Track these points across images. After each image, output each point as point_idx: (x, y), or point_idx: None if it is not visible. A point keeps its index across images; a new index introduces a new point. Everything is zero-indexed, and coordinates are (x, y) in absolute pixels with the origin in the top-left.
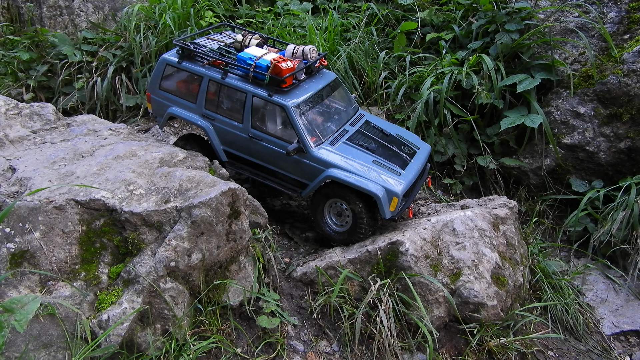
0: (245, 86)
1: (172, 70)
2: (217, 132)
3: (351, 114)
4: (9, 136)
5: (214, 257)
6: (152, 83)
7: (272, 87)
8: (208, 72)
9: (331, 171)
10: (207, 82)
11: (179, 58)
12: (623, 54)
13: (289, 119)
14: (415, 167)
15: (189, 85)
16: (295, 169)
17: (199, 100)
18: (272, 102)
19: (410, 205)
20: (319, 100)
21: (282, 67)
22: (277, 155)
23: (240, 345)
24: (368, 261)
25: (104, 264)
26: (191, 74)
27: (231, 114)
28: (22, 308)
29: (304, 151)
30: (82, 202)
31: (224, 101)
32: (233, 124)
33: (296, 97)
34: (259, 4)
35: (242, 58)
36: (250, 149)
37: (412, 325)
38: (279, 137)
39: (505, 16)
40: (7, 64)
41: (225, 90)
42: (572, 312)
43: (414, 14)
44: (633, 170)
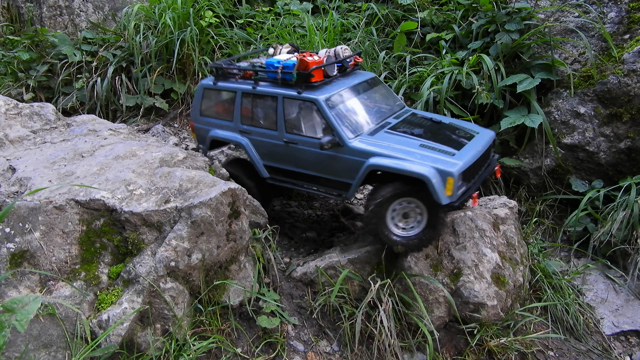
0: (275, 90)
1: (210, 95)
2: (254, 146)
3: (395, 110)
4: (9, 136)
5: (214, 257)
6: (194, 111)
7: (301, 84)
8: (240, 85)
9: (372, 160)
10: (240, 95)
11: (214, 80)
12: (623, 54)
13: (320, 113)
14: (474, 149)
15: (226, 105)
16: (335, 168)
17: (235, 116)
18: (302, 99)
19: (474, 193)
20: (353, 95)
21: (308, 60)
22: (315, 158)
23: (240, 345)
24: (368, 261)
25: (104, 264)
26: (226, 92)
27: (266, 123)
28: (22, 308)
29: (339, 144)
30: (82, 202)
31: (258, 111)
32: (268, 134)
33: (327, 91)
34: (259, 4)
35: (270, 63)
36: (288, 157)
37: (412, 325)
38: (314, 136)
39: (505, 16)
40: (7, 64)
41: (257, 100)
42: (572, 312)
43: (414, 14)
44: (633, 170)
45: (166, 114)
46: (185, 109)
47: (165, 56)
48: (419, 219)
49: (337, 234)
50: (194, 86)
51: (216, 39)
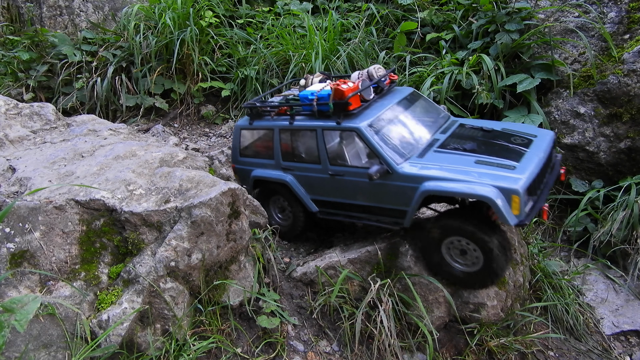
0: (313, 123)
1: (248, 135)
2: (300, 181)
3: (441, 124)
4: (9, 136)
5: (214, 257)
6: (234, 153)
7: (339, 114)
8: (277, 122)
9: (426, 185)
10: (278, 132)
11: (250, 119)
12: (623, 54)
13: (364, 141)
14: (536, 157)
15: (265, 143)
16: (388, 197)
17: (276, 154)
18: (343, 130)
19: (544, 205)
20: (395, 115)
21: (343, 88)
22: (364, 188)
23: (240, 345)
24: (368, 261)
25: (104, 264)
26: (264, 131)
27: (308, 157)
28: (22, 308)
29: (389, 172)
30: (82, 202)
31: (299, 146)
32: (312, 168)
33: (367, 117)
34: (259, 4)
35: (304, 96)
36: (336, 189)
37: (412, 325)
38: (360, 166)
39: (505, 16)
40: (7, 64)
41: (296, 135)
42: (572, 312)
43: (414, 14)
44: (633, 170)
45: (166, 114)
46: (185, 109)
47: (165, 56)
48: (476, 255)
49: (337, 234)
50: (194, 86)
51: (216, 39)
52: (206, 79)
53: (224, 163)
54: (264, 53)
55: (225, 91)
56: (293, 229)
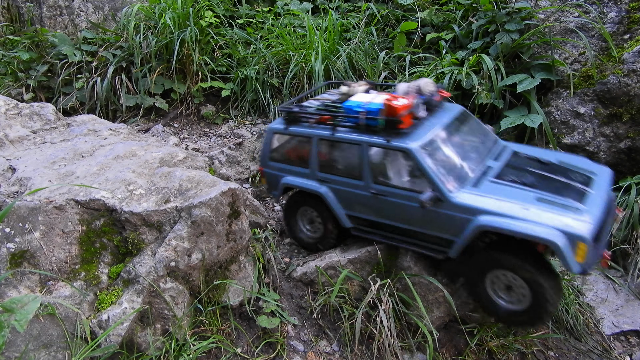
0: (359, 137)
1: (281, 139)
2: (336, 195)
3: (491, 147)
4: (9, 136)
5: (214, 257)
6: (263, 156)
7: (389, 131)
8: (316, 131)
9: (481, 219)
10: (317, 142)
11: (285, 124)
12: (623, 54)
13: (416, 164)
14: (600, 199)
15: (300, 150)
16: (435, 224)
17: (312, 163)
18: (392, 149)
19: (605, 252)
20: (448, 136)
21: (397, 105)
22: (410, 211)
23: (240, 345)
24: (368, 261)
25: (104, 264)
26: (300, 138)
27: (348, 172)
28: (22, 308)
29: (440, 199)
30: (82, 202)
31: (339, 159)
32: (352, 183)
33: (420, 138)
34: (259, 4)
35: (350, 107)
36: (377, 209)
37: (412, 325)
38: (408, 188)
39: (505, 16)
40: (7, 64)
41: (337, 147)
42: (572, 312)
43: (414, 14)
44: (633, 170)
45: (166, 114)
46: (185, 109)
47: (165, 56)
48: (523, 292)
49: None
50: (194, 86)
51: (216, 39)
52: (206, 79)
53: (224, 163)
54: (264, 53)
55: (225, 91)
56: (322, 241)
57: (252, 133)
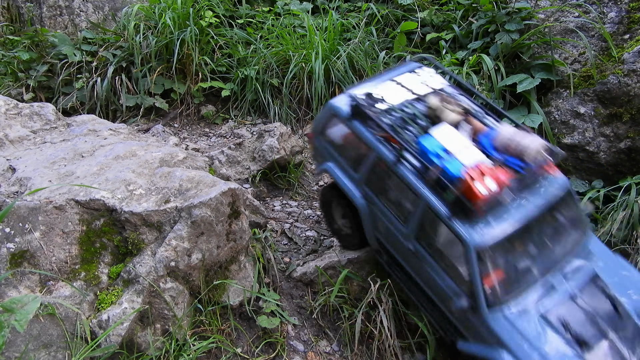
0: (421, 189)
1: (341, 126)
2: (372, 218)
3: (571, 255)
4: (9, 136)
5: (214, 257)
6: (316, 126)
7: (458, 209)
8: (379, 146)
9: (502, 357)
10: (375, 158)
11: (351, 114)
12: (623, 54)
13: (468, 262)
14: None
15: (357, 150)
16: (460, 319)
17: (362, 172)
18: (450, 229)
19: None
20: (524, 235)
21: (478, 193)
22: (439, 289)
23: (240, 345)
24: (368, 261)
25: (104, 264)
26: (359, 138)
27: (396, 208)
28: (22, 308)
29: (474, 311)
30: (82, 202)
31: (391, 189)
32: (394, 222)
33: (488, 233)
34: (259, 4)
35: (426, 151)
36: (408, 260)
37: (412, 325)
38: (447, 272)
39: (505, 16)
40: (7, 64)
41: (395, 180)
42: None
43: (414, 14)
44: (633, 170)
45: (166, 114)
46: (185, 109)
47: (165, 56)
48: None
49: None
50: (194, 86)
51: (216, 39)
52: (206, 79)
53: (224, 163)
54: (264, 53)
55: (225, 91)
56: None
57: (252, 133)
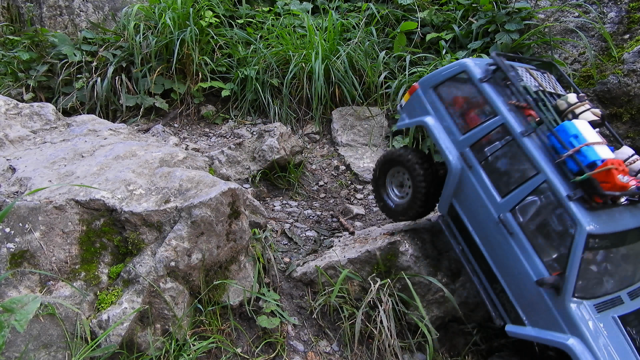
0: (543, 164)
1: (463, 83)
2: (462, 182)
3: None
4: (9, 136)
5: (214, 257)
6: (432, 78)
7: (580, 191)
8: (508, 114)
9: (572, 344)
10: (497, 124)
11: (484, 75)
12: (623, 54)
13: (571, 244)
14: None
15: (470, 110)
16: (527, 298)
17: (470, 135)
18: (565, 209)
19: None
20: (621, 243)
21: (618, 180)
22: (517, 268)
23: (240, 345)
24: (368, 261)
25: (104, 264)
26: (484, 101)
27: (498, 177)
28: (22, 308)
29: (557, 292)
30: (82, 202)
31: (500, 158)
32: (489, 190)
33: (601, 225)
34: (259, 4)
35: (566, 131)
36: (486, 233)
37: (412, 325)
38: (539, 251)
39: (505, 16)
40: (7, 64)
41: (511, 148)
42: None
43: (414, 14)
44: None
45: (166, 114)
46: (185, 109)
47: (165, 56)
48: None
49: (337, 234)
50: (194, 86)
51: (216, 39)
52: (206, 79)
53: (224, 163)
54: (264, 53)
55: (225, 91)
56: (407, 210)
57: (252, 133)
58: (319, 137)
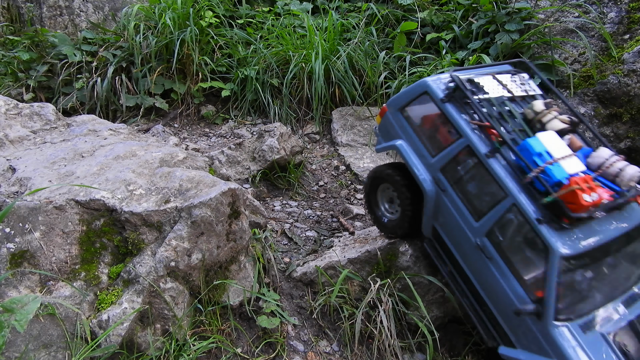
0: (510, 185)
1: (426, 103)
2: (439, 206)
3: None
4: (9, 136)
5: (214, 257)
6: (396, 100)
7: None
8: (471, 134)
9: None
10: (463, 146)
11: (445, 95)
12: (623, 54)
13: (547, 268)
14: None
15: (437, 131)
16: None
17: (440, 158)
18: (536, 232)
19: None
20: (603, 255)
21: (584, 200)
22: (500, 292)
23: (240, 345)
24: (368, 261)
25: (104, 264)
26: (448, 122)
27: (471, 201)
28: (22, 308)
29: (539, 318)
30: (82, 202)
31: (470, 180)
32: (464, 214)
33: (574, 244)
34: (259, 4)
35: (529, 149)
36: (468, 257)
37: (412, 325)
38: (517, 275)
39: (505, 16)
40: (7, 64)
41: (479, 170)
42: None
43: (414, 14)
44: None
45: (166, 114)
46: (185, 109)
47: (165, 56)
48: None
49: (337, 234)
50: (194, 86)
51: (216, 39)
52: (206, 79)
53: (224, 163)
54: (264, 53)
55: (225, 91)
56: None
57: (252, 133)
58: (319, 137)
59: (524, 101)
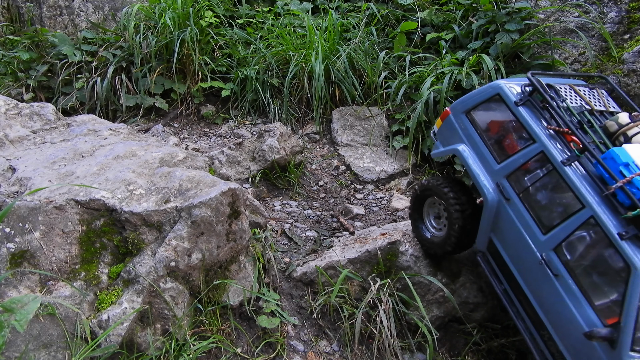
0: (589, 197)
1: (498, 108)
2: (499, 216)
3: None
4: (9, 136)
5: (214, 257)
6: (463, 103)
7: (633, 229)
8: (547, 141)
9: None
10: (536, 152)
11: (520, 99)
12: (623, 54)
13: (625, 290)
14: None
15: (507, 136)
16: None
17: (507, 164)
18: (616, 249)
19: None
20: None
21: None
22: (565, 315)
23: (240, 345)
24: (368, 261)
25: (104, 264)
26: (520, 127)
27: (539, 211)
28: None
29: (612, 346)
30: (82, 202)
31: (540, 189)
32: (530, 226)
33: None
34: (259, 4)
35: (615, 159)
36: (529, 273)
37: (412, 325)
38: (589, 296)
39: (505, 16)
40: (7, 64)
41: (552, 179)
42: None
43: (414, 14)
44: None
45: (166, 114)
46: (185, 109)
47: (165, 56)
48: None
49: (337, 233)
50: (194, 86)
51: (216, 39)
52: (206, 79)
53: (224, 163)
54: (264, 53)
55: (225, 91)
56: (445, 243)
57: (252, 133)
58: (319, 137)
59: (602, 116)
